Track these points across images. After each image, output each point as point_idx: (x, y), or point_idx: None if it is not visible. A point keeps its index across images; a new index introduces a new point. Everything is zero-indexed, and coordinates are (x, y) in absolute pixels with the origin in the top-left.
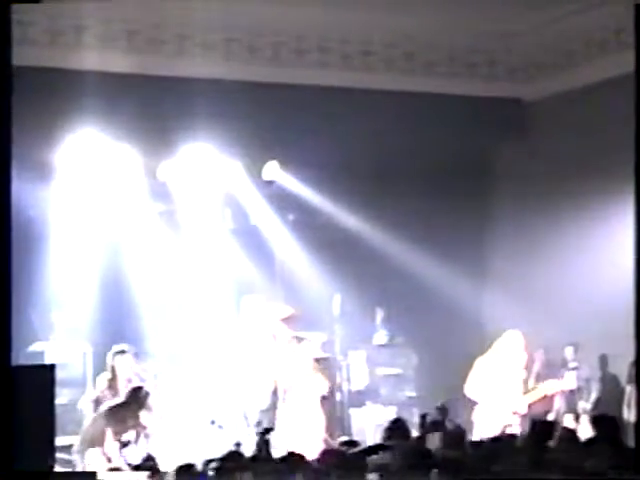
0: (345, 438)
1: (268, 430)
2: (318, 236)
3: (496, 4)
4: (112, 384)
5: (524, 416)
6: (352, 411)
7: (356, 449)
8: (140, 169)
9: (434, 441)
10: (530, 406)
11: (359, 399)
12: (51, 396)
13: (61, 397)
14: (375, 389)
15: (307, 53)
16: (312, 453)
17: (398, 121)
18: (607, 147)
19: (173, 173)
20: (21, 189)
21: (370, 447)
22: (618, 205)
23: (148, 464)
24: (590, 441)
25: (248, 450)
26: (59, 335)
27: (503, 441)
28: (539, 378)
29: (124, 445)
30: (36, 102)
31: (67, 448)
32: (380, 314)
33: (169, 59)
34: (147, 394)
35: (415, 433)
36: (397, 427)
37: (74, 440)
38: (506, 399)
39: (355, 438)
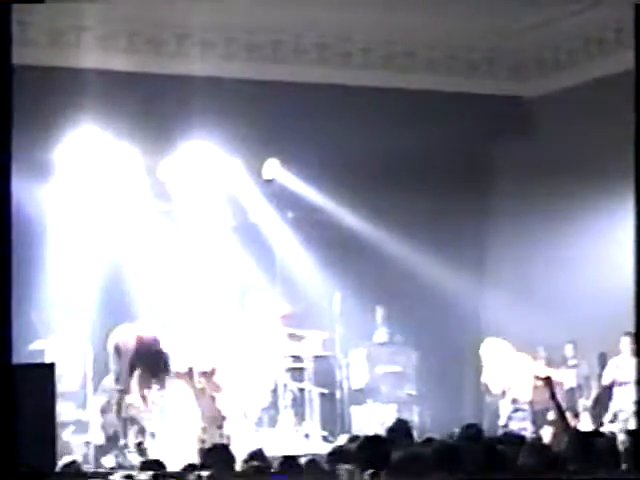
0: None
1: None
2: (318, 234)
3: (496, 2)
4: None
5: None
6: (353, 409)
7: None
8: (140, 167)
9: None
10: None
11: (360, 397)
12: (52, 395)
13: None
14: (375, 387)
15: (306, 51)
16: None
17: (398, 119)
18: (607, 145)
19: (173, 171)
20: (21, 188)
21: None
22: (618, 203)
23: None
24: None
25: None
26: (59, 334)
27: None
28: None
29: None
30: (36, 101)
31: None
32: (380, 312)
33: (169, 58)
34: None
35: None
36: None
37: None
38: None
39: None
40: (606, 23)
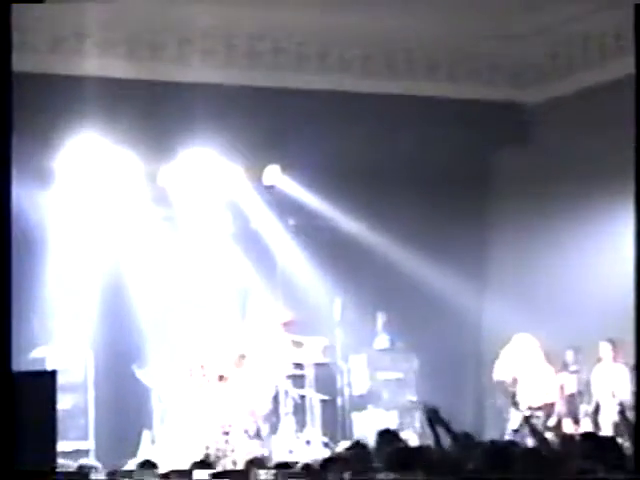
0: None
1: None
2: (319, 240)
3: (496, 8)
4: None
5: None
6: (354, 415)
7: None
8: (141, 174)
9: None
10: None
11: (361, 403)
12: (53, 402)
13: (63, 403)
14: (377, 393)
15: (307, 58)
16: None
17: (398, 125)
18: (607, 150)
19: (174, 178)
20: (22, 194)
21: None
22: (618, 208)
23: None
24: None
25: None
26: (60, 340)
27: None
28: None
29: None
30: (36, 108)
31: (69, 454)
32: (381, 318)
33: (170, 64)
34: None
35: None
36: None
37: (76, 446)
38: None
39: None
40: (606, 29)
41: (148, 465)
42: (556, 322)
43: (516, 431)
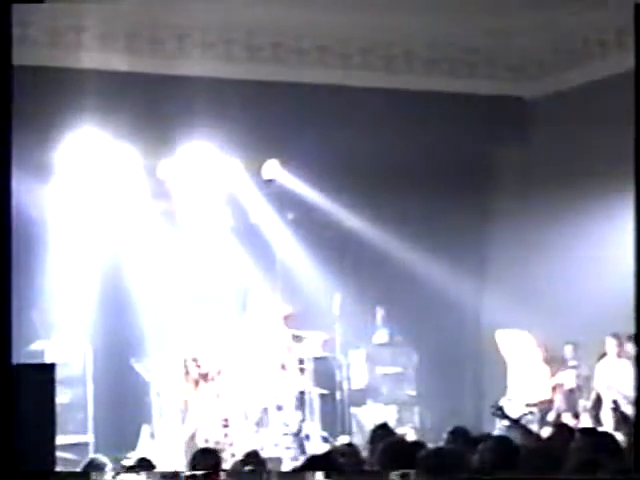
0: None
1: None
2: (318, 235)
3: (497, 2)
4: None
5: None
6: (353, 410)
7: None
8: (140, 168)
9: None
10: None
11: (360, 398)
12: (52, 395)
13: (61, 396)
14: (376, 388)
15: (306, 52)
16: None
17: (398, 120)
18: (607, 146)
19: (173, 172)
20: (21, 188)
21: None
22: (618, 204)
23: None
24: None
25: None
26: (59, 334)
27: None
28: None
29: None
30: (36, 102)
31: (67, 447)
32: (380, 313)
33: (169, 58)
34: None
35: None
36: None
37: (75, 439)
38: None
39: (356, 437)
40: (606, 24)
41: (144, 463)
42: (556, 317)
43: (509, 427)
